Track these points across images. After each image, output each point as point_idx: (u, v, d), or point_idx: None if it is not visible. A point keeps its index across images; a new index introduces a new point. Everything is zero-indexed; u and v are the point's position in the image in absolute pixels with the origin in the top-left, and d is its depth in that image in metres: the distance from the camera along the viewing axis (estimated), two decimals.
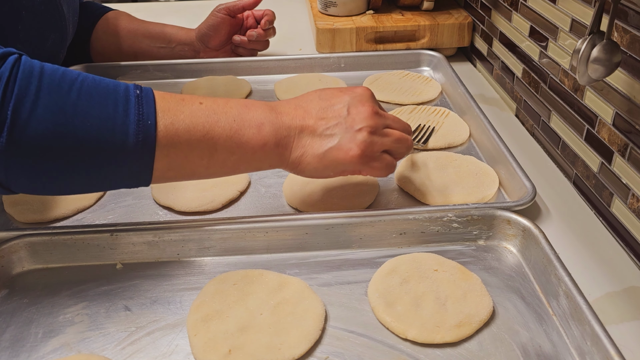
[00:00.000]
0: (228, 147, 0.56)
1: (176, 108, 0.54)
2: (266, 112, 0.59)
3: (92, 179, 0.52)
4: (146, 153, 0.52)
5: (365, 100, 0.62)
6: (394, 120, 0.65)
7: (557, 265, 0.57)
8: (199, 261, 0.65)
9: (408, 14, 1.16)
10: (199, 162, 0.56)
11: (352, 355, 0.53)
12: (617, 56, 0.58)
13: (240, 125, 0.56)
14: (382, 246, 0.66)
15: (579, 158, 0.75)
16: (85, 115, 0.49)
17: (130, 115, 0.51)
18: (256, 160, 0.58)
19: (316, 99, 0.62)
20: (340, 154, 0.60)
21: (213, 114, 0.56)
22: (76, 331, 0.56)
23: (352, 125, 0.60)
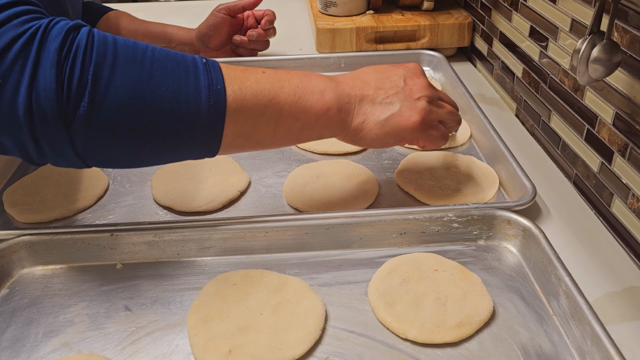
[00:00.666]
0: (293, 113, 0.57)
1: (242, 75, 0.55)
2: (326, 81, 0.60)
3: (166, 147, 0.53)
4: (218, 117, 0.52)
5: (419, 73, 0.65)
6: (444, 94, 0.68)
7: (557, 265, 0.57)
8: (199, 261, 0.65)
9: (408, 14, 1.16)
10: (266, 129, 0.56)
11: (352, 355, 0.53)
12: (617, 56, 0.58)
13: (304, 91, 0.57)
14: (382, 246, 0.66)
15: (579, 158, 0.75)
16: (160, 82, 0.50)
17: (201, 81, 0.51)
18: (319, 126, 0.59)
19: (372, 72, 0.64)
20: (402, 121, 0.61)
21: (277, 81, 0.57)
22: (76, 331, 0.56)
23: (411, 94, 0.62)
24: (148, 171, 0.80)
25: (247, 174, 0.78)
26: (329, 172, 0.77)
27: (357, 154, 0.83)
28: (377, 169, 0.80)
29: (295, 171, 0.77)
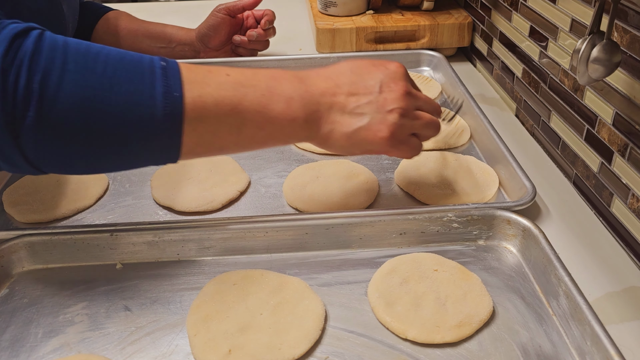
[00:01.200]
0: (257, 122, 0.54)
1: (203, 80, 0.52)
2: (295, 85, 0.56)
3: (121, 154, 0.51)
4: (175, 126, 0.50)
5: (398, 79, 0.60)
6: (425, 101, 0.63)
7: (557, 265, 0.57)
8: (199, 261, 0.65)
9: (408, 14, 1.16)
10: (228, 137, 0.54)
11: (352, 355, 0.53)
12: (617, 56, 0.58)
13: (269, 100, 0.54)
14: (382, 246, 0.66)
15: (579, 158, 0.75)
16: (112, 88, 0.47)
17: (157, 87, 0.49)
18: (285, 135, 0.57)
19: (348, 71, 0.59)
20: (369, 135, 0.58)
21: (241, 87, 0.53)
22: (76, 331, 0.56)
23: (384, 105, 0.58)
24: (148, 171, 0.80)
25: (247, 174, 0.78)
26: (329, 172, 0.77)
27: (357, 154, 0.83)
28: (377, 169, 0.80)
29: (295, 171, 0.77)
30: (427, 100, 0.63)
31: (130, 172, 0.79)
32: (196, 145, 0.52)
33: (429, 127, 0.62)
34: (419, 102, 0.61)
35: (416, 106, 0.61)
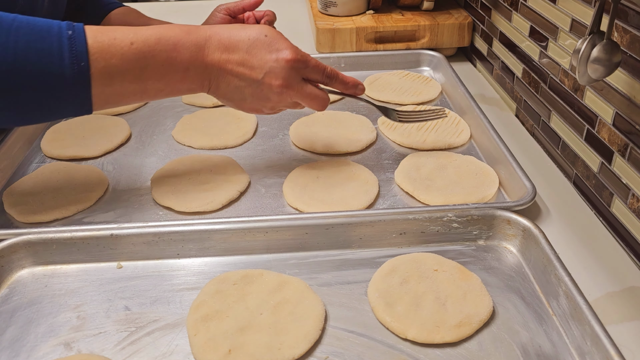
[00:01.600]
0: (156, 88, 0.63)
1: (108, 50, 0.59)
2: (193, 55, 0.63)
3: (40, 111, 0.59)
4: (83, 91, 0.58)
5: (280, 76, 0.66)
6: (306, 95, 0.68)
7: (557, 265, 0.57)
8: (199, 261, 0.65)
9: (408, 14, 1.16)
10: (132, 98, 0.63)
11: (352, 355, 0.53)
12: (617, 56, 0.58)
13: (168, 70, 0.62)
14: (382, 246, 0.66)
15: (579, 158, 0.75)
16: (25, 61, 0.55)
17: (65, 59, 0.56)
18: (182, 93, 0.66)
19: (245, 46, 0.65)
20: (245, 108, 0.69)
21: (143, 57, 0.61)
22: (76, 331, 0.56)
23: (260, 94, 0.67)
24: (148, 171, 0.80)
25: (247, 174, 0.78)
26: (329, 172, 0.77)
27: (357, 154, 0.83)
28: (377, 169, 0.80)
29: (295, 171, 0.77)
30: (309, 93, 0.68)
31: (131, 172, 0.80)
32: (105, 103, 0.61)
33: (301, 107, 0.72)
34: (296, 96, 0.68)
35: (292, 102, 0.69)
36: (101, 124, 0.91)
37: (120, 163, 0.82)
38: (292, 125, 0.90)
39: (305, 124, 0.89)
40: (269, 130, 0.90)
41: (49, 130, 0.89)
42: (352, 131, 0.87)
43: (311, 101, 0.69)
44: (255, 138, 0.88)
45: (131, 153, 0.85)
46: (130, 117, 0.95)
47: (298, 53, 0.67)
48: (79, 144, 0.85)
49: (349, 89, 0.72)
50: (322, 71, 0.69)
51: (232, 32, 0.66)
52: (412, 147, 0.84)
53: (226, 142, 0.86)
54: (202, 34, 0.65)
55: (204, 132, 0.88)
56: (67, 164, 0.81)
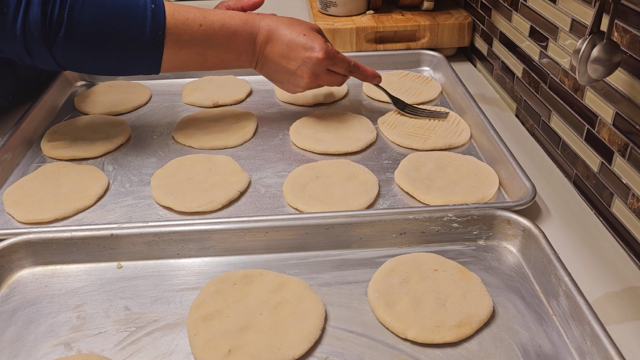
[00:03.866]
0: (214, 62, 0.81)
1: (181, 27, 0.75)
2: (247, 42, 0.81)
3: (117, 64, 0.76)
4: (156, 54, 0.75)
5: (310, 70, 0.81)
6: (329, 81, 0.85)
7: (557, 265, 0.57)
8: (199, 261, 0.65)
9: (408, 14, 1.16)
10: (194, 67, 0.80)
11: (352, 355, 0.53)
12: (617, 56, 0.58)
13: (225, 51, 0.80)
14: (382, 246, 0.66)
15: (579, 158, 0.75)
16: (116, 20, 0.72)
17: (147, 27, 0.73)
18: (234, 67, 0.83)
19: (284, 44, 0.81)
20: (283, 88, 0.87)
21: (208, 38, 0.77)
22: (76, 331, 0.56)
23: (294, 82, 0.84)
24: (148, 171, 0.80)
25: (247, 174, 0.78)
26: (329, 172, 0.77)
27: (357, 154, 0.83)
28: (377, 169, 0.80)
29: (295, 171, 0.77)
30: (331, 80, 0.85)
31: (130, 172, 0.80)
32: (171, 67, 0.78)
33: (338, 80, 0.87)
34: (321, 83, 0.84)
35: (318, 85, 0.85)
36: (101, 124, 0.91)
37: (120, 163, 0.82)
38: (292, 125, 0.90)
39: (305, 124, 0.89)
40: (269, 130, 0.90)
41: (49, 130, 0.89)
42: (352, 131, 0.87)
43: (332, 85, 0.86)
44: (255, 138, 0.88)
45: (131, 153, 0.85)
46: (130, 117, 0.95)
47: (328, 53, 0.81)
48: (79, 144, 0.85)
49: (368, 78, 0.88)
50: (346, 65, 0.84)
51: (280, 26, 0.81)
52: (412, 147, 0.84)
53: (226, 142, 0.86)
54: (256, 25, 0.80)
55: (204, 132, 0.88)
56: (67, 164, 0.81)
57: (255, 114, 0.94)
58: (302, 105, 0.98)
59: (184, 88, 1.03)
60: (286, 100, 0.99)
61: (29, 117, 0.89)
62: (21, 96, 0.98)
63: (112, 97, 1.00)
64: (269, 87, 1.04)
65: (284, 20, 0.83)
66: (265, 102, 1.00)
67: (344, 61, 0.83)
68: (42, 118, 0.93)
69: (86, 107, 0.97)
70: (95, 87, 1.03)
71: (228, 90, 1.01)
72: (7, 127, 0.88)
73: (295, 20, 0.84)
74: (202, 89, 1.01)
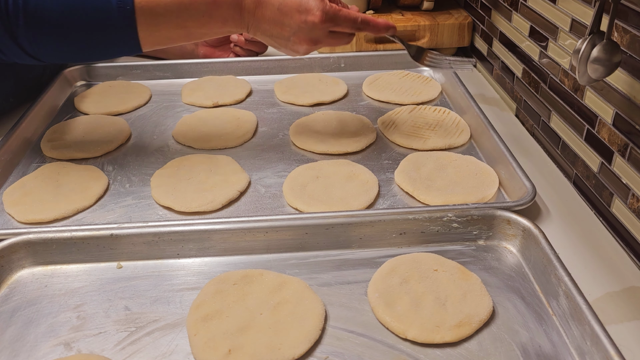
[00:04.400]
0: (199, 33, 0.72)
1: (153, 1, 0.67)
2: (230, 9, 0.71)
3: (92, 48, 0.69)
4: (130, 32, 0.67)
5: (308, 36, 0.72)
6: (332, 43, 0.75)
7: (557, 265, 0.57)
8: (199, 261, 0.65)
9: (408, 14, 1.16)
10: (179, 41, 0.72)
11: (352, 355, 0.53)
12: (617, 56, 0.58)
13: (208, 21, 0.70)
14: (382, 246, 0.66)
15: (579, 158, 0.75)
16: (78, 1, 0.65)
17: (113, 3, 0.65)
18: (224, 35, 0.75)
19: (275, 6, 0.70)
20: (281, 52, 0.77)
21: (185, 9, 0.69)
22: (76, 331, 0.56)
23: (292, 47, 0.74)
24: (148, 171, 0.80)
25: (247, 174, 0.78)
26: (329, 172, 0.77)
27: (357, 154, 0.83)
28: (377, 169, 0.80)
29: (295, 171, 0.77)
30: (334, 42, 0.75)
31: (130, 172, 0.80)
32: (154, 44, 0.70)
33: None
34: (323, 46, 0.75)
35: (319, 48, 0.75)
36: (101, 124, 0.91)
37: (120, 163, 0.82)
38: (292, 125, 0.90)
39: (305, 124, 0.89)
40: (269, 130, 0.90)
41: (49, 130, 0.89)
42: (352, 131, 0.87)
43: (338, 45, 0.77)
44: (255, 138, 0.88)
45: (131, 153, 0.85)
46: (130, 117, 0.95)
47: (327, 14, 0.70)
48: (78, 144, 0.85)
49: (381, 31, 0.77)
50: (352, 22, 0.73)
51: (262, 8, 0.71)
52: (412, 147, 0.84)
53: (226, 142, 0.86)
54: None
55: (204, 132, 0.88)
56: (67, 164, 0.81)
57: (255, 114, 0.94)
58: (302, 105, 0.98)
59: (184, 88, 1.03)
60: (286, 100, 0.99)
61: (29, 117, 0.89)
62: (22, 98, 0.98)
63: (112, 97, 1.00)
64: (269, 87, 1.04)
65: None
66: (265, 102, 1.00)
67: (348, 19, 0.72)
68: (42, 118, 0.93)
69: (86, 107, 0.97)
70: (95, 87, 1.03)
71: (228, 90, 1.01)
72: (7, 127, 0.88)
73: None
74: (202, 89, 1.01)
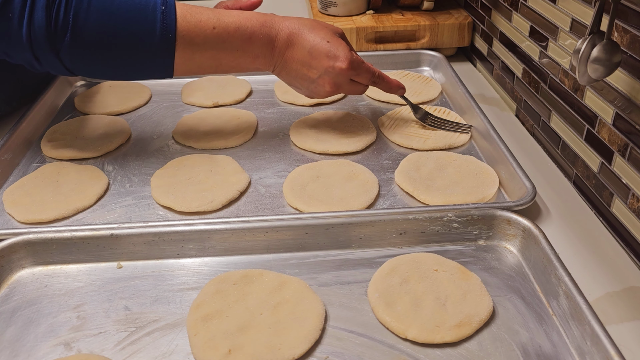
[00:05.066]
0: (229, 65, 0.76)
1: (194, 30, 0.71)
2: (264, 46, 0.75)
3: (128, 68, 0.72)
4: (168, 58, 0.71)
5: (332, 81, 0.77)
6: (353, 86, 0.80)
7: (557, 265, 0.57)
8: (199, 261, 0.65)
9: (408, 14, 1.16)
10: (208, 70, 0.76)
11: (352, 355, 0.53)
12: (617, 56, 0.58)
13: (241, 55, 0.75)
14: (382, 246, 0.66)
15: (579, 158, 0.75)
16: (124, 23, 0.68)
17: (157, 31, 0.69)
18: (250, 70, 0.79)
19: (306, 50, 0.76)
20: (302, 93, 0.82)
21: (222, 42, 0.73)
22: (76, 331, 0.56)
23: (315, 91, 0.79)
24: (148, 171, 0.80)
25: (247, 174, 0.78)
26: (329, 172, 0.77)
27: (357, 154, 0.83)
28: (377, 169, 0.80)
29: (295, 171, 0.77)
30: (353, 90, 0.81)
31: (130, 172, 0.80)
32: (184, 71, 0.74)
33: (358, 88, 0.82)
34: (343, 92, 0.81)
35: (340, 92, 0.80)
36: (101, 124, 0.91)
37: (120, 163, 0.82)
38: (292, 125, 0.90)
39: (305, 124, 0.89)
40: (269, 130, 0.90)
41: (49, 130, 0.89)
42: (352, 131, 0.87)
43: (353, 94, 0.82)
44: (255, 138, 0.88)
45: (131, 153, 0.85)
46: (130, 117, 0.95)
47: (353, 63, 0.76)
48: (79, 144, 0.85)
49: (392, 89, 0.84)
50: (370, 76, 0.80)
51: (302, 30, 0.76)
52: (412, 147, 0.84)
53: (226, 142, 0.86)
54: (275, 27, 0.75)
55: (204, 132, 0.88)
56: (67, 164, 0.81)
57: (255, 114, 0.94)
58: (302, 105, 0.98)
59: (184, 88, 1.03)
60: (286, 100, 0.99)
61: (29, 117, 0.89)
62: (24, 100, 0.97)
63: (112, 97, 1.00)
64: (269, 87, 1.04)
65: (306, 22, 0.77)
66: (265, 102, 1.00)
67: (368, 71, 0.79)
68: (42, 118, 0.93)
69: (86, 107, 0.97)
70: (95, 87, 1.03)
71: (228, 90, 1.01)
72: (7, 127, 0.88)
73: (318, 24, 0.78)
74: (202, 89, 1.01)
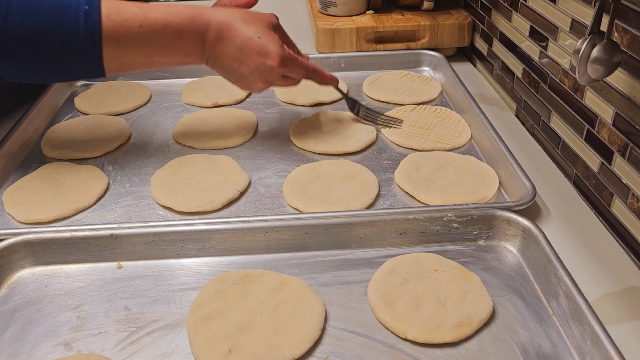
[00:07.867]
0: (162, 62, 0.72)
1: (120, 30, 0.67)
2: (194, 42, 0.72)
3: (56, 70, 0.68)
4: (96, 59, 0.67)
5: (263, 77, 0.75)
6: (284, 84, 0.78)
7: (557, 265, 0.57)
8: (199, 261, 0.65)
9: (408, 14, 1.16)
10: (141, 67, 0.72)
11: (352, 355, 0.53)
12: (617, 56, 0.58)
13: (172, 51, 0.71)
14: (382, 246, 0.66)
15: (579, 158, 0.75)
16: (46, 24, 0.64)
17: (80, 32, 0.65)
18: (184, 64, 0.75)
19: (237, 45, 0.72)
20: (236, 85, 0.78)
21: (150, 39, 0.69)
22: (76, 331, 0.56)
23: (247, 85, 0.77)
24: (148, 171, 0.80)
25: (247, 174, 0.78)
26: (329, 172, 0.77)
27: (357, 154, 0.83)
28: (377, 169, 0.80)
29: (295, 171, 0.77)
30: (286, 84, 0.78)
31: (130, 172, 0.80)
32: (116, 70, 0.70)
33: None
34: (275, 85, 0.78)
35: (273, 86, 0.78)
36: (101, 124, 0.91)
37: (120, 163, 0.82)
38: (292, 125, 0.90)
39: (305, 124, 0.89)
40: (269, 130, 0.90)
41: (48, 130, 0.89)
42: (352, 131, 0.87)
43: (284, 87, 0.79)
44: (255, 138, 0.88)
45: (131, 153, 0.85)
46: (130, 117, 0.95)
47: (284, 60, 0.73)
48: (78, 144, 0.85)
49: (326, 82, 0.83)
50: (303, 72, 0.77)
51: (233, 23, 0.72)
52: (412, 147, 0.84)
53: (226, 142, 0.86)
54: (205, 21, 0.71)
55: (204, 132, 0.88)
56: (67, 164, 0.81)
57: (255, 114, 0.94)
58: (302, 105, 0.98)
59: (184, 88, 1.03)
60: (286, 100, 0.99)
61: (29, 117, 0.89)
62: (21, 98, 0.97)
63: (112, 97, 1.00)
64: None
65: (237, 15, 0.73)
66: (265, 102, 1.00)
67: (301, 67, 0.76)
68: (42, 118, 0.93)
69: (86, 107, 0.97)
70: (95, 87, 1.03)
71: (228, 90, 1.01)
72: (7, 127, 0.88)
73: (251, 16, 0.74)
74: (202, 89, 1.01)
